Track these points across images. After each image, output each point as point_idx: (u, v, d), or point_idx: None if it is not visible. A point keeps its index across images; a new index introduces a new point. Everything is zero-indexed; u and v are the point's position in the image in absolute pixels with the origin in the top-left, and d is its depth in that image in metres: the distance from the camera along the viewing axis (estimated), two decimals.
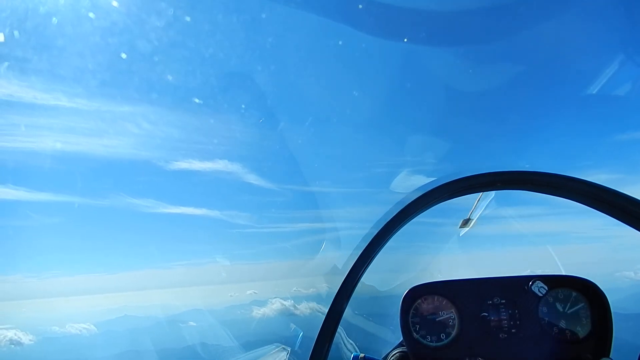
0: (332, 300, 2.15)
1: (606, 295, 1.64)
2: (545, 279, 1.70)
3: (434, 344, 1.74)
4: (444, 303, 1.78)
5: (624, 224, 1.67)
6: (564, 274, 1.77)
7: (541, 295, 1.68)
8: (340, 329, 2.13)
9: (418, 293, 1.80)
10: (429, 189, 2.19)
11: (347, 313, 2.17)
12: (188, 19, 2.47)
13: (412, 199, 2.19)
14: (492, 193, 2.46)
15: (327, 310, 2.13)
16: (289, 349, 2.84)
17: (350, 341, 2.51)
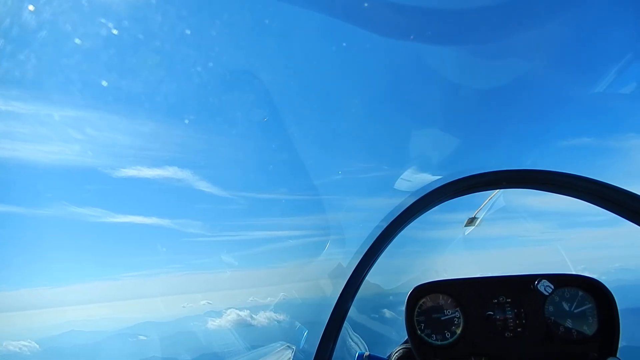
0: (335, 300, 2.17)
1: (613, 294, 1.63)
2: (551, 277, 1.69)
3: (438, 343, 1.74)
4: (449, 302, 1.78)
5: (571, 230, 1.67)
6: (570, 273, 1.76)
7: (547, 294, 1.67)
8: (347, 326, 2.14)
9: (423, 292, 1.80)
10: (434, 187, 2.19)
11: (352, 311, 2.18)
12: (135, 17, 2.29)
13: (417, 198, 2.20)
14: (499, 191, 2.45)
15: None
16: (294, 347, 2.85)
17: (357, 335, 2.52)
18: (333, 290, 2.26)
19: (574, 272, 1.78)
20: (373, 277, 2.29)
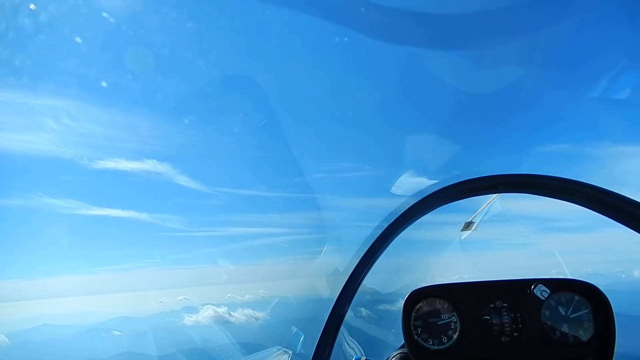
0: (333, 303, 2.16)
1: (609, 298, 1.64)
2: (547, 282, 1.69)
3: (435, 348, 1.73)
4: (445, 306, 1.77)
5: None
6: (566, 277, 1.76)
7: (543, 298, 1.67)
8: (343, 330, 2.13)
9: (419, 296, 1.80)
10: (432, 191, 2.20)
11: (349, 315, 2.17)
12: (116, 10, 2.24)
13: (415, 202, 2.20)
14: (496, 197, 2.45)
15: (328, 314, 2.12)
16: (291, 352, 2.83)
17: (354, 340, 2.50)
18: (331, 293, 2.25)
19: (569, 277, 1.78)
20: (369, 281, 2.28)
